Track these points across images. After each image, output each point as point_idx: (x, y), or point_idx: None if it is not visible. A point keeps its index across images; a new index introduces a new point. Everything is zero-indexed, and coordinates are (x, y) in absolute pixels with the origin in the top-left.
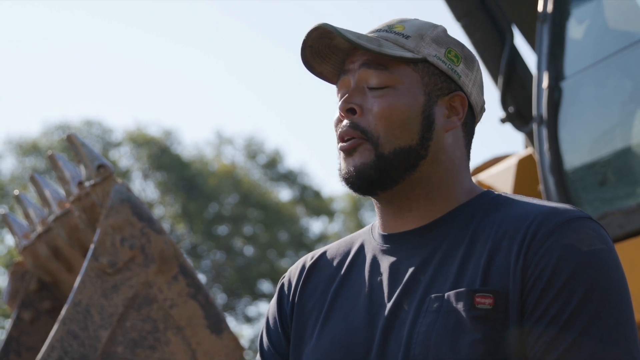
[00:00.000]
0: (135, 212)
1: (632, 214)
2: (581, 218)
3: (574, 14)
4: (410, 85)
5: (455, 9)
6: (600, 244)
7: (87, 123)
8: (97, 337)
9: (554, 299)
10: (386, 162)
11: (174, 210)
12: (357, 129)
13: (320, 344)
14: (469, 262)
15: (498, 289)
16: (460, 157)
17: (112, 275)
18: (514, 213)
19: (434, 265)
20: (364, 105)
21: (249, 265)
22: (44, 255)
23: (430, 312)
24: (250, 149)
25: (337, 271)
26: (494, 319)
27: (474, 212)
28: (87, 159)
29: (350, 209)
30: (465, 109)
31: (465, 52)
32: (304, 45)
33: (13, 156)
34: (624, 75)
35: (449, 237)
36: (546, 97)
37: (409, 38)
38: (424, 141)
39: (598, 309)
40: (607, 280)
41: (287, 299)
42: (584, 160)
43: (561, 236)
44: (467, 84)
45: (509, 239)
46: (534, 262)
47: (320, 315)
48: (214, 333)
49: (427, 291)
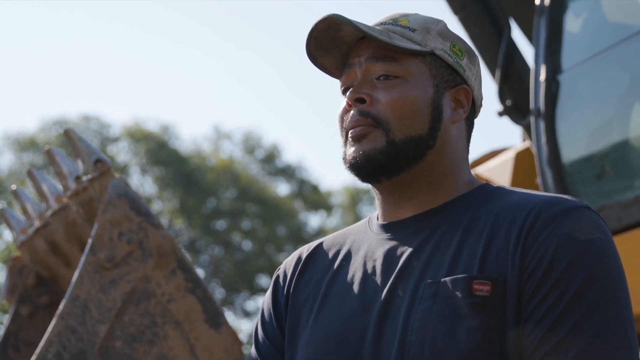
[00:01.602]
0: (133, 207)
1: (629, 206)
2: (580, 207)
3: (571, 7)
4: (420, 76)
5: (453, 2)
6: (598, 234)
7: (85, 118)
8: (96, 332)
9: (552, 287)
10: (396, 148)
11: (172, 205)
12: (367, 117)
13: (315, 333)
14: (464, 248)
15: (496, 276)
16: (462, 149)
17: (110, 270)
18: (512, 202)
19: (428, 251)
20: (372, 94)
21: (247, 259)
22: (41, 250)
23: (425, 298)
24: (248, 143)
25: (332, 261)
26: (492, 306)
27: (471, 202)
28: (84, 153)
29: (348, 203)
30: (469, 102)
31: (467, 47)
32: (310, 36)
33: (11, 151)
34: (622, 68)
35: (445, 224)
36: (543, 90)
37: (416, 31)
38: (433, 132)
39: (596, 297)
40: (605, 270)
41: (282, 290)
42: (581, 153)
43: (560, 225)
44: (471, 78)
45: (507, 226)
46: (532, 250)
47: (314, 305)
48: (212, 328)
49: (421, 277)
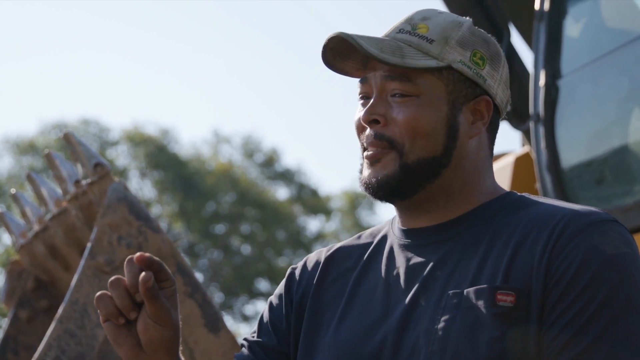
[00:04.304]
0: (132, 211)
1: (629, 212)
2: (608, 221)
3: (571, 12)
4: (433, 95)
5: (453, 7)
6: (625, 248)
7: (84, 122)
8: (94, 336)
9: (575, 300)
10: (409, 172)
11: (171, 209)
12: (382, 139)
13: (338, 337)
14: (489, 258)
15: (520, 286)
16: (483, 158)
17: (109, 274)
18: (539, 212)
19: (452, 262)
20: (387, 114)
21: (246, 264)
22: (41, 253)
23: (448, 308)
24: (247, 147)
25: (356, 263)
26: (515, 317)
27: (496, 210)
28: (84, 157)
29: (347, 207)
30: (490, 113)
31: (491, 50)
32: (325, 49)
33: (10, 155)
34: (621, 74)
35: (469, 234)
36: (543, 95)
37: (433, 43)
38: (448, 150)
39: (618, 312)
40: (630, 283)
41: (297, 288)
42: (581, 158)
43: (587, 237)
44: (493, 86)
45: (533, 237)
46: (557, 262)
47: (338, 308)
48: (211, 332)
49: (445, 287)
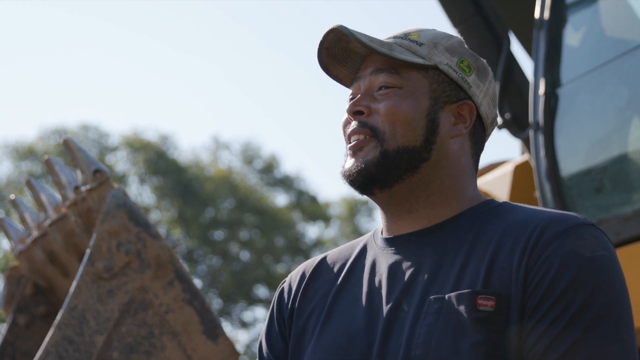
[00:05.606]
0: (132, 217)
1: (627, 221)
2: (584, 225)
3: (571, 20)
4: (416, 88)
5: (453, 15)
6: (602, 251)
7: (84, 127)
8: (93, 342)
9: (555, 303)
10: (388, 159)
11: (170, 215)
12: (365, 127)
13: (320, 346)
14: (470, 264)
15: (500, 291)
16: (465, 164)
17: (108, 280)
18: (517, 218)
19: (433, 267)
20: (371, 106)
21: (245, 270)
22: (39, 259)
23: (430, 313)
24: (246, 154)
25: (337, 275)
26: (495, 321)
27: (476, 217)
28: (83, 163)
29: (346, 214)
30: (473, 118)
31: (479, 64)
32: (320, 46)
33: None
34: (621, 83)
35: (450, 240)
36: (543, 104)
37: (422, 45)
38: (428, 144)
39: (598, 314)
40: (607, 287)
41: (287, 304)
42: (580, 167)
43: (564, 242)
44: (478, 95)
45: (512, 242)
46: (536, 266)
47: (320, 318)
48: (209, 338)
49: (426, 292)
